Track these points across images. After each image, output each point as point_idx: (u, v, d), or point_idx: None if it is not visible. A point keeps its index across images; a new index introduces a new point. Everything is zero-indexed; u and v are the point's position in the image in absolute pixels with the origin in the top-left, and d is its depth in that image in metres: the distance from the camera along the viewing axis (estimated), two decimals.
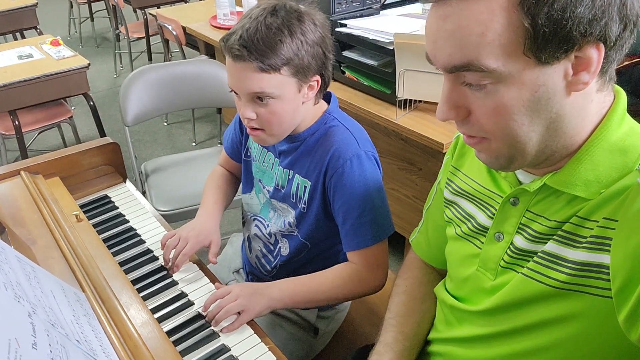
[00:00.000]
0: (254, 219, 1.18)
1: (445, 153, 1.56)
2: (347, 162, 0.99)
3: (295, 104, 0.98)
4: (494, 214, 0.74)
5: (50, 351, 0.55)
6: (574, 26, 0.54)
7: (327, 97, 1.09)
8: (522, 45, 0.55)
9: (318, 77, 0.99)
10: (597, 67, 0.57)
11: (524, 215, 0.70)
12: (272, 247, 1.15)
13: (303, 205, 1.06)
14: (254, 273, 1.24)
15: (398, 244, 2.22)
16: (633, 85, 2.25)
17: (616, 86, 0.65)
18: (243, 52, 0.91)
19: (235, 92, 0.99)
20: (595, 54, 0.56)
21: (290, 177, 1.08)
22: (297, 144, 1.05)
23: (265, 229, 1.15)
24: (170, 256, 1.06)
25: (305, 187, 1.05)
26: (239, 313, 0.95)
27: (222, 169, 1.30)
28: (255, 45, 0.90)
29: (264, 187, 1.14)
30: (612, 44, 0.57)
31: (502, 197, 0.73)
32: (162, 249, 1.08)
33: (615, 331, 0.59)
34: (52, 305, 0.71)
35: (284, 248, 1.13)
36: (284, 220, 1.10)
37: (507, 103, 0.58)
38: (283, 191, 1.09)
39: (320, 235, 1.08)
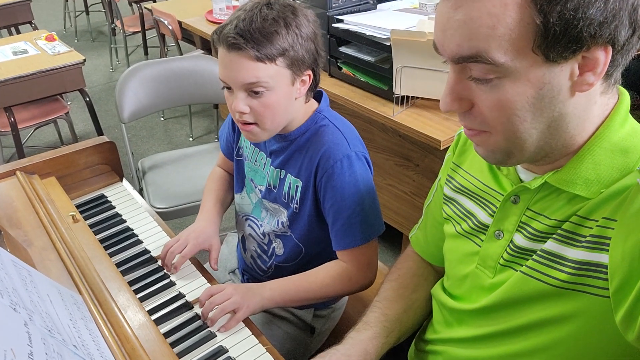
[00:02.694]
0: (247, 219, 1.18)
1: (442, 150, 1.57)
2: (337, 162, 0.99)
3: (288, 97, 0.98)
4: (494, 212, 0.75)
5: None
6: (585, 27, 0.54)
7: (318, 96, 1.09)
8: (532, 42, 0.55)
9: (310, 72, 0.99)
10: (603, 69, 0.57)
11: (524, 214, 0.70)
12: (266, 247, 1.16)
13: (295, 205, 1.06)
14: (250, 273, 1.24)
15: (395, 240, 2.23)
16: (630, 80, 2.25)
17: (620, 87, 0.66)
18: (239, 40, 0.90)
19: (227, 87, 0.98)
20: (602, 56, 0.56)
21: (282, 177, 1.07)
22: (288, 143, 1.05)
23: (259, 228, 1.15)
24: (173, 261, 1.06)
25: (297, 186, 1.05)
26: (233, 312, 0.95)
27: (220, 170, 1.30)
28: (252, 34, 0.90)
29: (255, 187, 1.14)
30: (619, 47, 0.57)
31: (502, 195, 0.73)
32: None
33: (612, 331, 0.60)
34: (49, 310, 0.71)
35: (278, 248, 1.13)
36: (278, 220, 1.10)
37: (511, 98, 0.59)
38: (275, 191, 1.09)
39: (314, 237, 1.09)
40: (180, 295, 1.02)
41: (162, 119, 3.55)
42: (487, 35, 0.56)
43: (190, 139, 3.29)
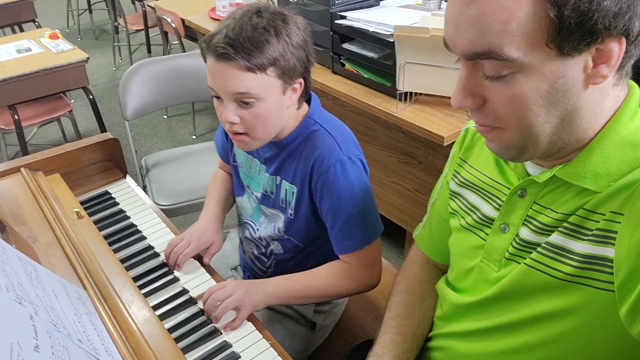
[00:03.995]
0: (246, 222, 1.18)
1: (445, 146, 1.57)
2: (330, 168, 0.98)
3: (279, 106, 0.96)
4: (500, 206, 0.74)
5: (53, 353, 0.55)
6: (600, 19, 0.53)
7: (308, 98, 1.07)
8: (546, 36, 0.55)
9: (302, 80, 0.97)
10: (617, 61, 0.57)
11: (530, 207, 0.70)
12: (264, 250, 1.16)
13: (291, 211, 1.06)
14: (251, 271, 1.24)
15: (398, 237, 2.23)
16: (634, 73, 2.24)
17: (630, 81, 0.65)
18: (229, 50, 0.88)
19: (216, 96, 0.96)
20: (616, 48, 0.56)
21: (277, 183, 1.07)
22: (280, 149, 1.04)
23: (255, 233, 1.15)
24: (179, 258, 1.07)
25: (292, 192, 1.04)
26: (237, 309, 0.95)
27: (222, 172, 1.30)
28: (242, 43, 0.88)
29: (252, 193, 1.14)
30: (633, 38, 0.56)
31: (509, 189, 0.73)
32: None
33: (616, 325, 0.60)
34: (54, 305, 0.72)
35: (277, 249, 1.13)
36: (274, 226, 1.10)
37: (525, 93, 0.58)
38: (273, 197, 1.09)
39: (313, 235, 1.09)
40: (184, 291, 1.02)
41: (165, 116, 3.56)
42: (500, 31, 0.55)
43: (194, 137, 3.30)
